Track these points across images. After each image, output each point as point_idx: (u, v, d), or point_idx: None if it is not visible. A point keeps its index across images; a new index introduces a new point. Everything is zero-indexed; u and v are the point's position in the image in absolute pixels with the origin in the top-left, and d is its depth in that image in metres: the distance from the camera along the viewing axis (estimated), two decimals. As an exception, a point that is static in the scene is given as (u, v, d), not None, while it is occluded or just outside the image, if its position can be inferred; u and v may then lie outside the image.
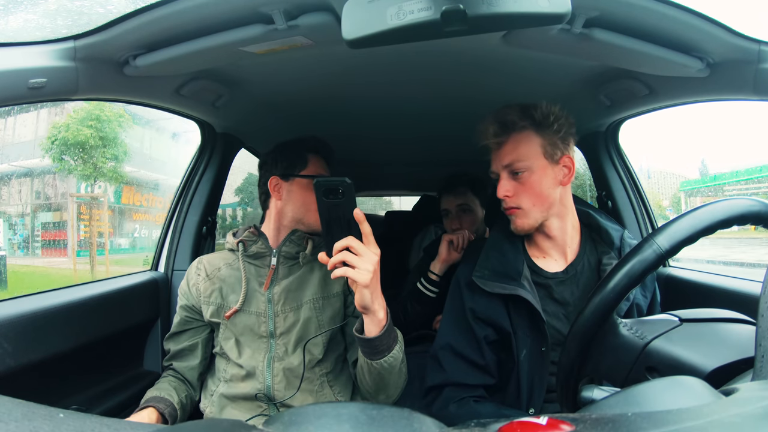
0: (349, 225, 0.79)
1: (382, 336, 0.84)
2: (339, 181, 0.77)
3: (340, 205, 0.78)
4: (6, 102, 0.73)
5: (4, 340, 0.81)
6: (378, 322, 0.84)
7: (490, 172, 0.98)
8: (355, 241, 0.78)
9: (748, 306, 0.53)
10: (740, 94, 0.89)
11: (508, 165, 0.93)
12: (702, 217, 0.55)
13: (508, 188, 0.93)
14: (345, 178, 0.77)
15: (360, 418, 0.29)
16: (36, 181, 10.97)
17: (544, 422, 0.28)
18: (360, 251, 0.78)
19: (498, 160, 0.95)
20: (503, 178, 0.94)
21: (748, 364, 0.47)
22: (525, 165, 0.92)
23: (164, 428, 0.28)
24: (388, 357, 0.86)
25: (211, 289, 1.03)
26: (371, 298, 0.81)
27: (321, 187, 0.77)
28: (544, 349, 0.90)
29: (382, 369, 0.87)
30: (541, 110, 0.92)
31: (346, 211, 0.78)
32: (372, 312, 0.82)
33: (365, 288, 0.79)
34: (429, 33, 0.57)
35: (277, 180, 1.07)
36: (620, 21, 0.77)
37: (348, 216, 0.78)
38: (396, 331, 0.91)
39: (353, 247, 0.78)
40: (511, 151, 0.93)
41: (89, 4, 0.95)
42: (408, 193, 3.02)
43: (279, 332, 1.00)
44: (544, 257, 0.98)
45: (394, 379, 0.91)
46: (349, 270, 0.77)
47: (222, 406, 0.99)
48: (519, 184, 0.93)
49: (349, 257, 0.78)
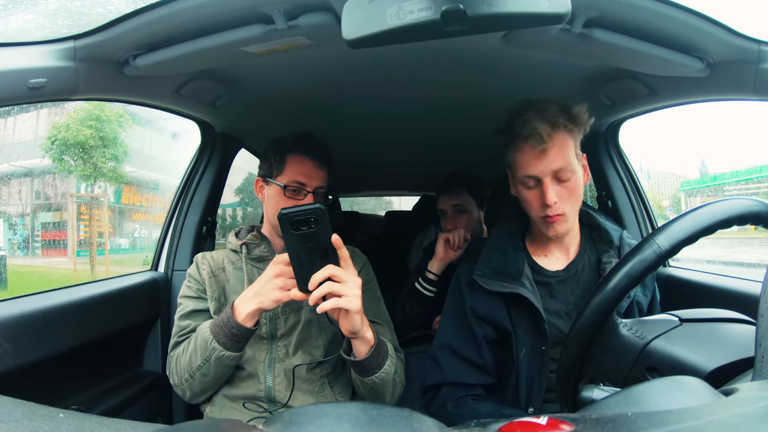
0: (326, 253, 0.73)
1: (372, 356, 0.84)
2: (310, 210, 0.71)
3: (313, 236, 0.72)
4: (6, 102, 0.73)
5: (4, 340, 0.81)
6: (367, 343, 0.84)
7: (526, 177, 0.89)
8: (337, 269, 0.74)
9: (748, 306, 0.53)
10: (740, 94, 0.89)
11: (557, 170, 0.87)
12: (702, 217, 0.55)
13: (556, 195, 0.87)
14: (317, 205, 0.71)
15: (360, 418, 0.29)
16: (36, 181, 10.96)
17: (544, 422, 0.28)
18: (343, 278, 0.74)
19: (542, 164, 0.87)
20: (549, 183, 0.87)
21: (748, 364, 0.47)
22: (571, 169, 0.87)
23: (164, 428, 0.28)
24: (379, 373, 0.87)
25: (214, 286, 1.03)
26: (361, 323, 0.80)
27: (287, 219, 0.70)
28: (544, 349, 0.90)
29: (375, 384, 0.88)
30: (576, 109, 0.88)
31: (321, 239, 0.72)
32: (361, 335, 0.81)
33: (356, 314, 0.77)
34: (429, 33, 0.57)
35: (260, 181, 1.06)
36: (620, 21, 0.77)
37: (324, 244, 0.73)
38: (385, 345, 0.90)
39: (336, 276, 0.74)
40: (558, 154, 0.86)
41: (89, 4, 0.95)
42: (408, 193, 3.01)
43: (280, 334, 1.00)
44: (546, 256, 0.98)
45: (389, 390, 0.92)
46: (340, 301, 0.74)
47: (222, 406, 0.99)
48: (564, 189, 0.88)
49: (336, 287, 0.74)
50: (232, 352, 0.88)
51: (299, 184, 1.00)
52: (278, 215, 0.71)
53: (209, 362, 0.89)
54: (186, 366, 0.92)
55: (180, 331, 1.00)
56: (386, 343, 0.92)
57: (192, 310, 1.01)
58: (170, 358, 0.99)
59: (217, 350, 0.87)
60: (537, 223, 0.93)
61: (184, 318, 1.01)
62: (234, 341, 0.87)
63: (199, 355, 0.89)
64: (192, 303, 1.02)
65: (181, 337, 0.99)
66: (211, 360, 0.88)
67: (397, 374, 0.94)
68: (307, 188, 1.01)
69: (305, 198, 1.00)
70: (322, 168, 1.04)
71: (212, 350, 0.87)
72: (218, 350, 0.87)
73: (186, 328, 0.99)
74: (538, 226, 0.93)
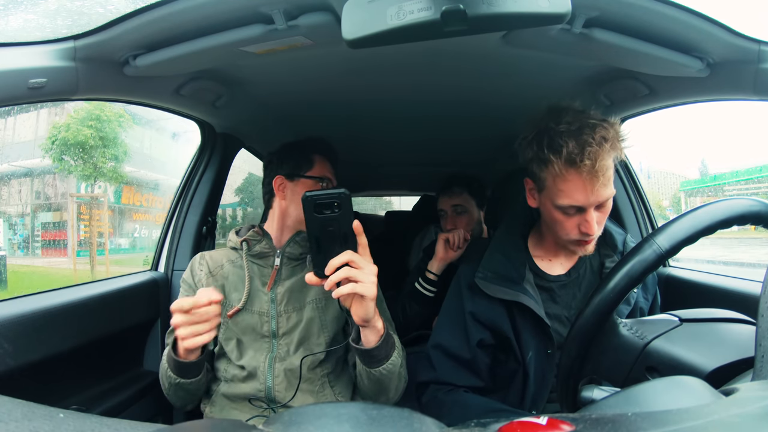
0: (346, 239, 0.73)
1: (381, 345, 0.84)
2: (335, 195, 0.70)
3: (335, 220, 0.71)
4: (6, 102, 0.73)
5: (4, 340, 0.81)
6: (377, 332, 0.83)
7: (568, 207, 0.81)
8: (355, 255, 0.74)
9: (748, 306, 0.53)
10: (740, 94, 0.89)
11: (605, 201, 0.81)
12: (702, 218, 0.55)
13: (596, 222, 0.81)
14: (342, 189, 0.71)
15: (360, 418, 0.29)
16: (36, 181, 10.96)
17: (544, 422, 0.28)
18: (361, 264, 0.74)
19: (591, 196, 0.79)
20: (593, 213, 0.81)
21: (748, 364, 0.47)
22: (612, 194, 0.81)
23: (164, 428, 0.28)
24: (387, 364, 0.87)
25: (213, 286, 1.02)
26: (374, 311, 0.80)
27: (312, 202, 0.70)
28: (550, 352, 0.90)
29: (381, 375, 0.88)
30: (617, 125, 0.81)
31: (342, 225, 0.72)
32: (372, 324, 0.81)
33: (371, 301, 0.77)
34: (429, 33, 0.57)
35: (282, 179, 1.07)
36: (620, 21, 0.77)
37: (345, 230, 0.73)
38: (393, 336, 0.90)
39: (354, 261, 0.74)
40: (607, 184, 0.79)
41: (89, 4, 0.95)
42: (408, 193, 3.02)
43: (281, 332, 1.00)
44: (550, 260, 0.97)
45: (394, 383, 0.91)
46: (357, 286, 0.74)
47: (222, 406, 0.99)
48: (602, 213, 0.83)
49: (353, 272, 0.74)
50: (187, 379, 0.91)
51: (328, 180, 1.09)
52: (303, 197, 0.71)
53: (173, 386, 0.93)
54: (163, 382, 0.97)
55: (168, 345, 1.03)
56: (393, 334, 0.92)
57: None
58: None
59: (173, 377, 0.91)
60: (564, 241, 0.88)
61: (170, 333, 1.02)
62: (182, 371, 0.90)
63: (165, 378, 0.94)
64: None
65: None
66: (173, 384, 0.92)
67: (403, 367, 0.94)
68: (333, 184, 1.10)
69: None
70: (334, 169, 1.12)
71: (169, 377, 0.92)
72: (173, 377, 0.91)
73: None
74: (565, 243, 0.89)
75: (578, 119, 0.80)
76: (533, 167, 0.86)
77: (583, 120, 0.80)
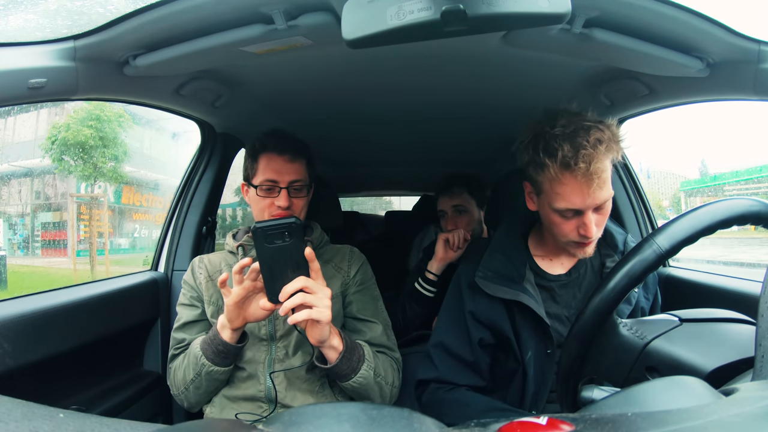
0: (299, 265, 0.74)
1: (341, 362, 0.86)
2: (285, 225, 0.71)
3: (286, 249, 0.72)
4: (6, 102, 0.73)
5: (4, 340, 0.81)
6: (335, 350, 0.85)
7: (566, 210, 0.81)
8: (309, 281, 0.75)
9: (748, 306, 0.53)
10: (740, 94, 0.89)
11: (603, 203, 0.80)
12: (702, 217, 0.55)
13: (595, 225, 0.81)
14: (292, 219, 0.72)
15: (360, 418, 0.29)
16: (36, 181, 10.95)
17: (544, 422, 0.28)
18: (315, 289, 0.76)
19: (589, 199, 0.79)
20: (591, 215, 0.81)
21: (748, 364, 0.47)
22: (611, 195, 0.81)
23: (164, 428, 0.28)
24: (356, 378, 0.89)
25: (212, 290, 1.03)
26: (329, 332, 0.82)
27: (261, 233, 0.71)
28: (550, 352, 0.90)
29: (354, 388, 0.90)
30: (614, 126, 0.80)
31: (294, 253, 0.73)
32: (328, 344, 0.84)
33: (327, 325, 0.79)
34: (429, 33, 0.57)
35: (245, 185, 1.06)
36: (620, 21, 0.77)
37: (296, 257, 0.74)
38: (360, 349, 0.91)
39: (308, 287, 0.75)
40: (604, 186, 0.79)
41: (89, 4, 0.95)
42: (408, 193, 3.01)
43: (279, 335, 1.00)
44: (551, 260, 0.97)
45: (374, 393, 0.93)
46: (312, 312, 0.75)
47: (222, 406, 0.99)
48: (601, 215, 0.83)
49: (308, 298, 0.75)
50: (221, 367, 0.92)
51: (271, 182, 1.00)
52: (252, 229, 0.72)
53: (200, 377, 0.93)
54: (181, 379, 0.97)
55: (176, 344, 1.03)
56: (362, 347, 0.93)
57: (185, 323, 1.03)
58: (169, 369, 1.03)
59: (207, 365, 0.91)
60: (563, 243, 0.88)
61: (178, 330, 1.04)
62: (221, 357, 0.91)
63: (191, 370, 0.94)
64: (186, 313, 1.04)
65: (177, 350, 1.03)
66: (202, 374, 0.92)
67: (381, 377, 0.94)
68: (279, 185, 0.99)
69: (280, 194, 0.99)
70: (294, 161, 1.01)
71: (202, 365, 0.91)
72: (207, 365, 0.91)
73: (181, 342, 1.02)
74: (565, 246, 0.88)
75: (573, 122, 0.79)
76: (530, 171, 0.86)
77: (578, 122, 0.79)
